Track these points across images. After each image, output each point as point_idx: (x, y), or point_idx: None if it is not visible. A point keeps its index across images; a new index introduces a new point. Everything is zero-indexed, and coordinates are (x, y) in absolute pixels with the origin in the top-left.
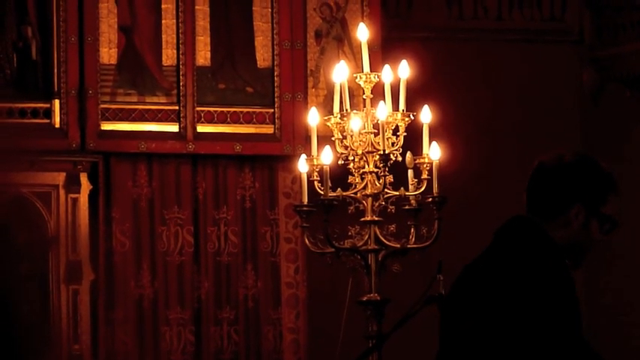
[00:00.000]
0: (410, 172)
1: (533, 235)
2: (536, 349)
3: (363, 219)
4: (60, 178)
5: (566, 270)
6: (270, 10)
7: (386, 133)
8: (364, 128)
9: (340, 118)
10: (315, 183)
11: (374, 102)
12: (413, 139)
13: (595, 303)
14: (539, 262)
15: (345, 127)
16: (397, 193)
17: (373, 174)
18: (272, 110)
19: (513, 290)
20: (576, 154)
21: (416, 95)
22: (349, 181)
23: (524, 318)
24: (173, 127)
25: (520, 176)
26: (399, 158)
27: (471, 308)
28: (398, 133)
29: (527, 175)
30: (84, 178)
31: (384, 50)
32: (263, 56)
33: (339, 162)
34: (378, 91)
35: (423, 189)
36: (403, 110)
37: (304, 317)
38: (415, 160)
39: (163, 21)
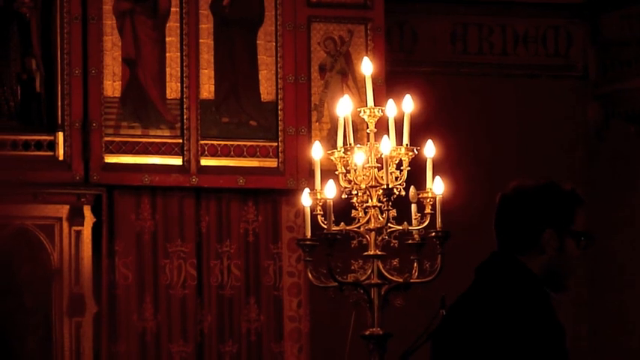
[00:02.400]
0: (413, 207)
1: (510, 269)
2: None
3: (366, 253)
4: (63, 210)
5: (546, 300)
6: (274, 44)
7: (389, 168)
8: (368, 162)
9: (344, 152)
10: (319, 217)
11: (378, 136)
12: (416, 174)
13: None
14: (517, 297)
15: (349, 162)
16: (400, 228)
17: (376, 208)
18: (276, 144)
19: (495, 327)
20: (535, 181)
21: (420, 130)
22: (352, 215)
23: (508, 352)
24: (177, 161)
25: None
26: (403, 193)
27: (456, 347)
28: (401, 168)
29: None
30: (87, 211)
31: (388, 84)
32: (267, 90)
33: (343, 196)
34: (381, 126)
35: (426, 223)
36: (407, 145)
37: (307, 351)
38: (419, 194)
39: (167, 54)
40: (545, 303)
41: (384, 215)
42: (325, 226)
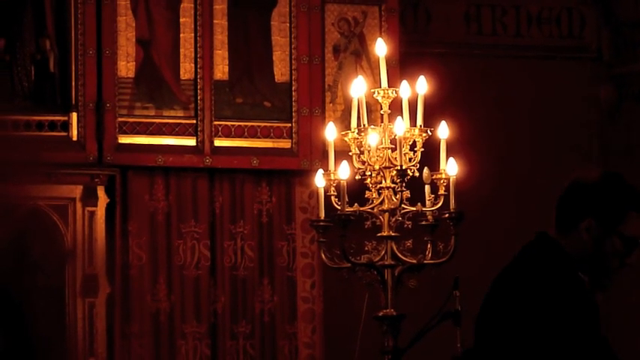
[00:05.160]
0: (427, 188)
1: (547, 249)
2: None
3: (379, 234)
4: (77, 191)
5: (577, 279)
6: (288, 24)
7: (403, 149)
8: (381, 143)
9: (358, 134)
10: (332, 198)
11: (391, 117)
12: (430, 155)
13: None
14: (551, 275)
15: (363, 143)
16: (414, 209)
17: (390, 189)
18: (289, 125)
19: (530, 303)
20: (604, 172)
21: (433, 111)
22: (366, 196)
23: (541, 329)
24: (190, 141)
25: (537, 192)
26: (417, 174)
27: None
28: (415, 149)
29: (544, 191)
30: (101, 192)
31: (402, 65)
32: (281, 71)
33: (356, 177)
34: (395, 107)
35: (440, 205)
36: (421, 126)
37: (320, 332)
38: (432, 175)
39: (181, 35)
40: (575, 279)
41: (398, 196)
42: (339, 207)
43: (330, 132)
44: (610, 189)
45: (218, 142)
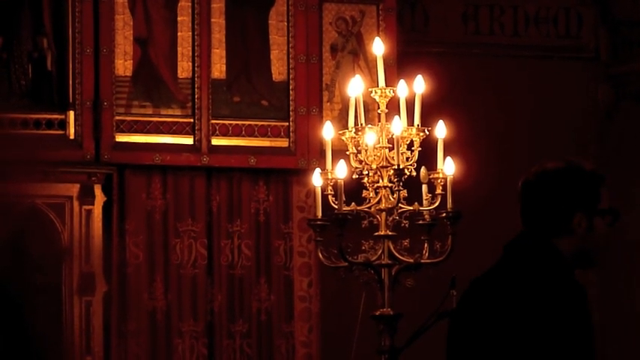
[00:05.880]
0: (424, 187)
1: (542, 250)
2: None
3: (376, 233)
4: (74, 189)
5: (577, 283)
6: (286, 23)
7: (400, 148)
8: (379, 143)
9: (355, 133)
10: (330, 197)
11: (389, 117)
12: (427, 154)
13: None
14: (550, 278)
15: (360, 142)
16: (411, 208)
17: (387, 189)
18: (287, 124)
19: (526, 305)
20: (555, 164)
21: (431, 110)
22: (363, 195)
23: (537, 333)
24: (188, 140)
25: None
26: (414, 173)
27: (482, 324)
28: (412, 148)
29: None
30: (98, 190)
31: (400, 65)
32: (278, 70)
33: (354, 176)
34: (393, 106)
35: (437, 204)
36: (418, 125)
37: (317, 331)
38: (429, 175)
39: (179, 33)
40: (576, 283)
41: (395, 195)
42: (336, 206)
43: (328, 131)
44: (580, 176)
45: (215, 141)
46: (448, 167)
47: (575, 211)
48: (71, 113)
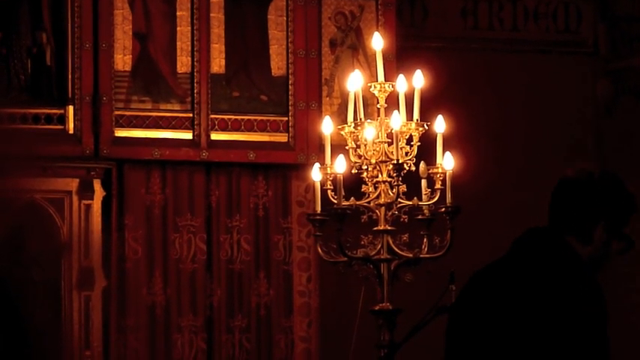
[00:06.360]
0: (423, 182)
1: (559, 248)
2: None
3: (376, 228)
4: (73, 184)
5: (596, 283)
6: (285, 18)
7: (400, 143)
8: (378, 137)
9: (354, 127)
10: (329, 192)
11: (388, 111)
12: (427, 149)
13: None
14: (568, 274)
15: (359, 137)
16: (410, 203)
17: (386, 183)
18: (286, 119)
19: (542, 302)
20: (602, 172)
21: (430, 105)
22: (362, 190)
23: (550, 329)
24: (187, 135)
25: (533, 187)
26: (413, 168)
27: (486, 317)
28: (412, 143)
29: (541, 186)
30: (97, 185)
31: (399, 60)
32: (278, 64)
33: (353, 171)
34: (392, 101)
35: (436, 199)
36: (417, 120)
37: (316, 326)
38: (429, 169)
39: (178, 28)
40: (595, 282)
41: (394, 190)
42: (335, 201)
43: (327, 126)
44: (619, 192)
45: (214, 136)
46: (447, 162)
47: (601, 220)
48: (70, 108)
